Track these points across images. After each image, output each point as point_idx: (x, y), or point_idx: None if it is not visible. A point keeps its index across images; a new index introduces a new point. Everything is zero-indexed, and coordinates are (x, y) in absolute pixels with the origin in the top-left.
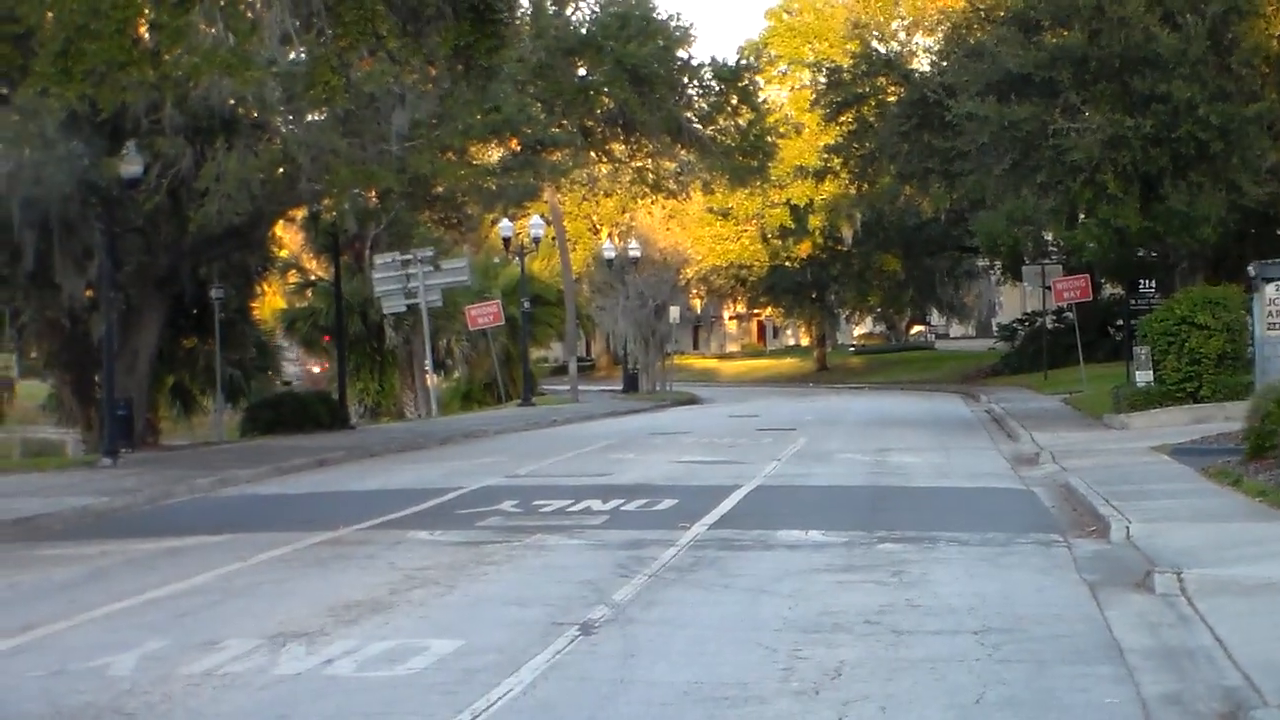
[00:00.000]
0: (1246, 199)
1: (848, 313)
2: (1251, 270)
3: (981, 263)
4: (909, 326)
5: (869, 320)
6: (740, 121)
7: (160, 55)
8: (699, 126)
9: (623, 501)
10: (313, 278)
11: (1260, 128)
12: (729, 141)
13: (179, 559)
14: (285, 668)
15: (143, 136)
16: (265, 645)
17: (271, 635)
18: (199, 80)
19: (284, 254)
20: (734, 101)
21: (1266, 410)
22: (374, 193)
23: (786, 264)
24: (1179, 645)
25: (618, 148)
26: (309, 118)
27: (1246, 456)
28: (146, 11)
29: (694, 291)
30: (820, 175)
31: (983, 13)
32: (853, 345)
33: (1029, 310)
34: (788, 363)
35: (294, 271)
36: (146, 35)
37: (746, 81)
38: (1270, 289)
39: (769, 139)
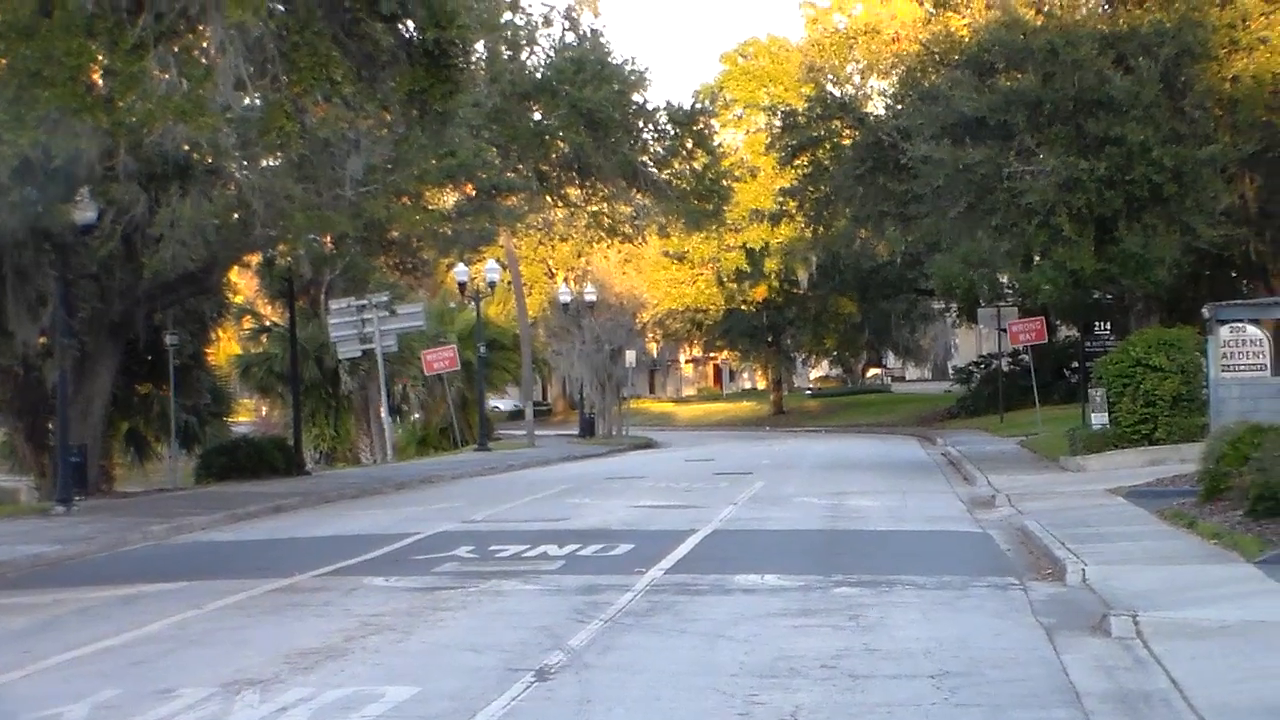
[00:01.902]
0: (1200, 241)
1: (804, 356)
2: (1206, 312)
3: (937, 305)
4: (865, 369)
5: (825, 363)
6: (695, 165)
7: (114, 102)
8: (654, 170)
9: (579, 546)
10: (268, 323)
11: (1214, 170)
12: (684, 185)
13: (133, 607)
14: (240, 716)
15: (97, 183)
16: (220, 693)
17: (226, 683)
18: (153, 126)
19: (239, 299)
20: (689, 145)
21: (1221, 452)
22: (329, 238)
23: (742, 307)
24: (1135, 688)
25: (573, 192)
26: (264, 163)
27: (1201, 498)
28: (100, 58)
29: (650, 335)
30: (775, 219)
31: (937, 56)
32: (809, 388)
33: (985, 352)
34: (744, 406)
35: (249, 317)
36: (100, 82)
37: (702, 125)
38: (1225, 331)
39: (724, 182)
